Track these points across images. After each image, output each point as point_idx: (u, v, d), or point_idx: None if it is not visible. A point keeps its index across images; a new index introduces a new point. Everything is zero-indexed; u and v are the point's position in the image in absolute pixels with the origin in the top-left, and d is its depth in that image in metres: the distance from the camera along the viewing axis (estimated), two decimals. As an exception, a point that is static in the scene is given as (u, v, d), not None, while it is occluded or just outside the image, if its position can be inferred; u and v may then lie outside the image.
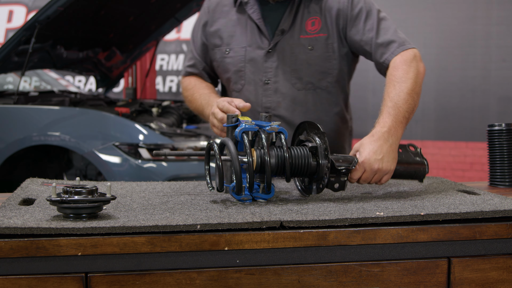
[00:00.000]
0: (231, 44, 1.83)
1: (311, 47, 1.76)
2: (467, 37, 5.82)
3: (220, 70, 1.89)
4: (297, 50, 1.76)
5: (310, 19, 1.76)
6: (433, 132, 5.96)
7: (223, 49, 1.85)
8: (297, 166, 1.37)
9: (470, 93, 5.83)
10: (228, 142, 1.33)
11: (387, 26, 1.73)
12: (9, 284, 1.07)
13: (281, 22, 1.76)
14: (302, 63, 1.77)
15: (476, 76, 5.81)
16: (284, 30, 1.76)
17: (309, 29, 1.76)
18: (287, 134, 1.41)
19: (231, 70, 1.83)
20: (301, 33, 1.76)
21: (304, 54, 1.76)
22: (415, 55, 1.67)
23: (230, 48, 1.83)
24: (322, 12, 1.76)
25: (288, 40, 1.76)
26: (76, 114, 4.06)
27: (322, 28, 1.76)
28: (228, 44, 1.84)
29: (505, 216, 1.25)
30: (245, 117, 1.46)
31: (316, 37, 1.76)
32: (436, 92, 5.94)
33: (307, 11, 1.77)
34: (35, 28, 4.01)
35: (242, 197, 1.37)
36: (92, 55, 5.13)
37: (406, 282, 1.20)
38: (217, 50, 1.87)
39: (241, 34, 1.82)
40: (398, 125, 1.49)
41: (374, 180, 1.44)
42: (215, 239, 1.12)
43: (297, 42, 1.76)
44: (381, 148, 1.42)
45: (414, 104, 1.56)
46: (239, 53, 1.81)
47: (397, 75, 1.60)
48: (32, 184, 1.55)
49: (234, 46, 1.82)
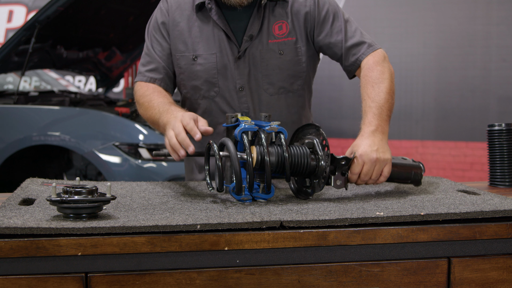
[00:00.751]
0: (198, 50, 1.75)
1: (281, 51, 1.75)
2: (467, 37, 5.82)
3: (184, 77, 1.78)
4: (267, 55, 1.74)
5: (276, 23, 1.75)
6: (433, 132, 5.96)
7: (189, 56, 1.76)
8: (297, 165, 1.37)
9: (470, 93, 5.83)
10: (228, 142, 1.33)
11: (353, 27, 1.77)
12: (9, 284, 1.07)
13: (248, 27, 1.73)
14: (274, 68, 1.76)
15: (476, 76, 5.81)
16: (252, 35, 1.72)
17: (277, 33, 1.75)
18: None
19: (201, 77, 1.76)
20: (269, 37, 1.74)
21: (275, 59, 1.75)
22: (385, 56, 1.72)
23: (197, 54, 1.75)
24: (288, 16, 1.75)
25: (257, 46, 1.74)
26: (76, 114, 4.06)
27: (290, 32, 1.75)
28: (195, 50, 1.75)
29: (505, 216, 1.25)
30: (245, 117, 1.46)
31: (285, 41, 1.75)
32: (436, 92, 5.94)
33: (273, 15, 1.75)
34: (35, 28, 4.01)
35: (242, 197, 1.37)
36: (92, 55, 5.13)
37: (406, 282, 1.20)
38: (180, 56, 1.77)
39: (207, 40, 1.75)
40: (384, 123, 1.54)
41: (376, 172, 1.43)
42: (215, 239, 1.12)
43: (266, 47, 1.74)
44: (373, 141, 1.47)
45: (393, 102, 1.63)
46: (210, 60, 1.74)
47: (373, 75, 1.65)
48: (32, 184, 1.55)
49: (202, 53, 1.75)
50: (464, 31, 5.85)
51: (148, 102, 1.69)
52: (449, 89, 5.91)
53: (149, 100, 1.70)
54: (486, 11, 5.79)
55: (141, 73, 1.80)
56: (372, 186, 1.62)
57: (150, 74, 1.79)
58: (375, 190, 1.56)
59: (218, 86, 1.75)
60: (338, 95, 5.99)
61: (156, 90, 1.73)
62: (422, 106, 5.95)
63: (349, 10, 5.86)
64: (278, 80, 1.77)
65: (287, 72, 1.77)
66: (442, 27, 5.91)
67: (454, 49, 5.88)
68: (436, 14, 5.92)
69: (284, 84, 1.78)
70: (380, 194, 1.50)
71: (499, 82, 5.78)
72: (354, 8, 5.98)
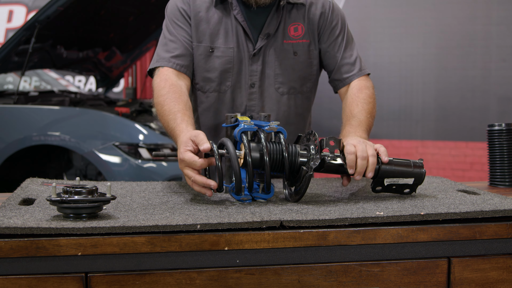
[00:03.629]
0: (216, 42, 1.75)
1: (295, 52, 1.77)
2: (467, 37, 5.82)
3: (198, 67, 1.77)
4: (282, 55, 1.77)
5: (292, 24, 1.77)
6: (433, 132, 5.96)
7: (207, 47, 1.75)
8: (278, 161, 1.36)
9: (470, 93, 5.83)
10: (227, 142, 1.33)
11: (353, 45, 1.85)
12: (9, 284, 1.07)
13: (265, 26, 1.75)
14: (287, 68, 1.78)
15: (476, 76, 5.81)
16: (269, 34, 1.75)
17: (292, 34, 1.77)
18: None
19: (217, 69, 1.76)
20: (285, 38, 1.77)
21: (289, 59, 1.78)
22: (371, 83, 1.81)
23: (215, 46, 1.75)
24: (304, 19, 1.79)
25: (273, 45, 1.76)
26: (76, 114, 4.06)
27: (305, 34, 1.78)
28: (213, 42, 1.75)
29: (505, 216, 1.25)
30: (244, 117, 1.46)
31: (299, 43, 1.78)
32: (436, 92, 5.93)
33: (289, 16, 1.78)
34: (35, 28, 4.02)
35: (241, 197, 1.37)
36: (92, 55, 5.13)
37: (406, 282, 1.20)
38: (197, 45, 1.75)
39: (226, 34, 1.76)
40: (362, 134, 1.61)
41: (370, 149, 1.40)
42: (215, 239, 1.12)
43: (281, 47, 1.77)
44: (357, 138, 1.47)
45: (372, 124, 1.71)
46: (227, 54, 1.75)
47: (361, 96, 1.74)
48: (32, 184, 1.55)
49: (220, 45, 1.75)
50: (464, 31, 5.84)
51: (161, 106, 1.61)
52: (449, 89, 5.91)
53: (162, 102, 1.61)
54: (486, 11, 5.79)
55: (165, 59, 1.72)
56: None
57: (177, 60, 1.72)
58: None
59: (231, 80, 1.77)
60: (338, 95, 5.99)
61: (171, 91, 1.63)
62: (422, 106, 5.95)
63: (349, 10, 5.85)
64: (290, 80, 1.79)
65: (299, 73, 1.80)
66: (442, 27, 5.91)
67: (454, 49, 5.88)
68: (436, 14, 5.92)
69: (295, 84, 1.81)
70: (380, 194, 1.50)
71: (499, 82, 5.78)
72: (354, 8, 5.97)
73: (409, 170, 1.44)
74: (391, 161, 1.43)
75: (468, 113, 5.85)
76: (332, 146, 1.39)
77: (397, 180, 1.47)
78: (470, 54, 5.84)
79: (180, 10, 1.77)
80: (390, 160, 1.43)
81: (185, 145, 1.36)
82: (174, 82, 1.66)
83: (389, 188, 1.46)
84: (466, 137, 5.87)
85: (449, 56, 5.89)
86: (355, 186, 1.63)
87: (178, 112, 1.55)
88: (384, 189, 1.45)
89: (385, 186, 1.45)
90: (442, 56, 5.92)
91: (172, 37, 1.75)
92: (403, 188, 1.46)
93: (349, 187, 1.61)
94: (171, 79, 1.67)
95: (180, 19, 1.76)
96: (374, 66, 5.92)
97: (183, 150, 1.36)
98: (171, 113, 1.55)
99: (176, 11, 1.77)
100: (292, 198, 1.40)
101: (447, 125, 5.94)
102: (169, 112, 1.57)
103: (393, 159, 1.44)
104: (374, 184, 1.44)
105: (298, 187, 1.37)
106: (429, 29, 5.93)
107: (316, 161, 1.34)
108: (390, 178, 1.44)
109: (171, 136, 1.56)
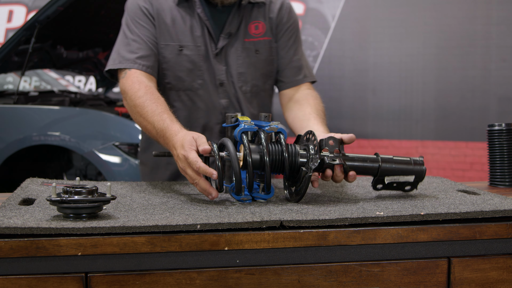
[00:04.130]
0: (183, 41, 1.74)
1: (257, 50, 1.79)
2: (467, 37, 5.82)
3: (168, 67, 1.74)
4: (244, 54, 1.78)
5: (253, 23, 1.79)
6: (433, 132, 5.96)
7: (175, 46, 1.73)
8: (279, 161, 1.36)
9: (470, 93, 5.83)
10: (227, 142, 1.33)
11: (302, 49, 1.89)
12: (9, 284, 1.07)
13: (227, 25, 1.76)
14: (249, 67, 1.79)
15: (476, 76, 5.81)
16: (231, 33, 1.76)
17: (253, 32, 1.79)
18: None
19: (187, 68, 1.74)
20: (246, 36, 1.78)
21: (251, 57, 1.79)
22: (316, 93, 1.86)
23: (183, 45, 1.73)
24: (265, 17, 1.81)
25: (234, 43, 1.77)
26: (76, 114, 4.06)
27: (267, 32, 1.80)
28: (180, 40, 1.73)
29: (505, 216, 1.25)
30: (245, 117, 1.46)
31: (261, 41, 1.80)
32: (436, 92, 5.93)
33: (249, 15, 1.79)
34: (35, 28, 4.01)
35: (242, 197, 1.37)
36: (92, 55, 5.13)
37: (406, 282, 1.20)
38: (165, 45, 1.73)
39: (192, 32, 1.75)
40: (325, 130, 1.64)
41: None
42: (215, 239, 1.12)
43: (243, 46, 1.78)
44: None
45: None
46: (196, 52, 1.74)
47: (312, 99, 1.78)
48: (32, 184, 1.55)
49: (188, 44, 1.74)
50: (464, 31, 5.84)
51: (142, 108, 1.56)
52: (449, 89, 5.91)
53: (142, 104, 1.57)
54: (486, 11, 5.79)
55: (130, 61, 1.67)
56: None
57: (142, 61, 1.68)
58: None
59: (203, 78, 1.76)
60: (338, 95, 6.00)
61: (148, 92, 1.59)
62: (422, 106, 5.95)
63: (349, 10, 5.86)
64: (252, 79, 1.80)
65: (261, 71, 1.82)
66: (442, 27, 5.91)
67: (454, 49, 5.88)
68: (436, 14, 5.92)
69: (258, 82, 1.82)
70: (380, 194, 1.50)
71: (499, 82, 5.77)
72: (354, 8, 5.97)
73: (409, 167, 1.43)
74: (391, 159, 1.43)
75: (468, 113, 5.85)
76: (331, 146, 1.39)
77: (398, 178, 1.47)
78: (470, 54, 5.84)
79: (142, 9, 1.74)
80: (390, 158, 1.43)
81: (190, 144, 1.34)
82: (148, 84, 1.63)
83: (390, 186, 1.46)
84: (466, 137, 5.87)
85: (449, 56, 5.89)
86: (355, 186, 1.63)
87: (163, 113, 1.52)
88: (385, 187, 1.46)
89: (386, 184, 1.45)
90: (442, 56, 5.92)
91: (134, 37, 1.71)
92: (404, 186, 1.46)
93: (349, 187, 1.61)
94: (144, 81, 1.63)
95: (143, 18, 1.73)
96: (374, 66, 5.93)
97: (188, 148, 1.34)
98: (156, 114, 1.52)
99: (138, 10, 1.74)
100: (292, 198, 1.40)
101: (447, 125, 5.94)
102: (152, 113, 1.53)
103: (393, 157, 1.44)
104: (375, 182, 1.44)
105: (298, 188, 1.37)
106: (429, 29, 5.93)
107: (315, 161, 1.34)
108: (390, 176, 1.44)
109: (158, 136, 1.51)
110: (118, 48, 1.73)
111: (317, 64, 6.08)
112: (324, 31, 6.06)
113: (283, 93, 1.87)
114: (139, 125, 1.63)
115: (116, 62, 1.71)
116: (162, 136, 1.49)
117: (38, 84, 6.17)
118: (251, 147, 1.34)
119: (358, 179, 1.73)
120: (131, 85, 1.63)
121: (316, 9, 6.13)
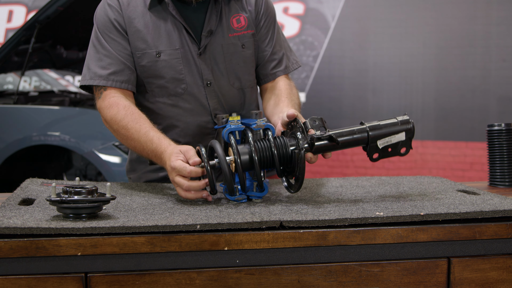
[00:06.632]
0: (160, 46, 1.66)
1: (243, 45, 1.73)
2: (467, 37, 5.82)
3: (148, 75, 1.68)
4: (230, 50, 1.72)
5: (234, 16, 1.73)
6: (433, 132, 5.96)
7: (152, 53, 1.66)
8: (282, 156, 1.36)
9: (470, 93, 5.83)
10: (216, 144, 1.34)
11: (283, 38, 1.84)
12: (9, 284, 1.07)
13: (206, 23, 1.69)
14: (238, 62, 1.73)
15: (476, 76, 5.80)
16: (212, 30, 1.69)
17: (236, 26, 1.73)
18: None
19: (168, 74, 1.67)
20: (229, 31, 1.72)
21: (238, 52, 1.73)
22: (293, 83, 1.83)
23: (160, 50, 1.66)
24: (245, 9, 1.75)
25: (218, 40, 1.71)
26: (76, 114, 4.06)
27: (249, 24, 1.75)
28: (157, 46, 1.66)
29: (505, 216, 1.25)
30: (235, 116, 1.47)
31: (245, 34, 1.74)
32: (436, 92, 5.93)
33: (228, 9, 1.73)
34: (35, 28, 4.01)
35: (236, 197, 1.37)
36: (92, 55, 5.11)
37: (406, 282, 1.20)
38: (142, 54, 1.66)
39: (168, 36, 1.67)
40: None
41: None
42: (215, 239, 1.12)
43: (228, 41, 1.71)
44: None
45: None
46: (174, 56, 1.67)
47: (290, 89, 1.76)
48: (32, 184, 1.55)
49: (165, 49, 1.66)
50: (464, 31, 5.84)
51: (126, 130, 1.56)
52: (449, 89, 5.91)
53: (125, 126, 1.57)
54: (486, 11, 5.79)
55: (103, 77, 1.64)
56: (372, 186, 1.61)
57: (116, 77, 1.64)
58: (375, 190, 1.56)
59: (186, 82, 1.69)
60: (338, 95, 6.00)
61: (128, 113, 1.58)
62: (422, 106, 5.95)
63: (349, 10, 5.86)
64: (244, 74, 1.76)
65: (251, 65, 1.77)
66: (442, 27, 5.91)
67: (454, 49, 5.88)
68: (436, 14, 5.92)
69: (249, 77, 1.78)
70: (380, 194, 1.50)
71: (499, 82, 5.77)
72: (354, 8, 5.97)
73: (396, 127, 1.41)
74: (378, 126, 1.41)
75: (468, 113, 5.85)
76: (316, 125, 1.39)
77: (390, 140, 1.45)
78: (470, 54, 5.84)
79: (113, 22, 1.67)
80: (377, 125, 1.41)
81: (176, 155, 1.37)
82: (125, 104, 1.61)
83: (386, 152, 1.42)
84: (466, 137, 5.87)
85: (449, 56, 5.89)
86: (355, 186, 1.63)
87: (149, 132, 1.52)
88: (381, 155, 1.43)
89: (381, 150, 1.42)
90: (442, 56, 5.92)
91: (106, 52, 1.66)
92: (399, 148, 1.43)
93: (349, 187, 1.61)
94: (121, 102, 1.61)
95: (114, 32, 1.67)
96: (374, 66, 5.93)
97: (174, 158, 1.37)
98: (142, 135, 1.52)
99: (109, 23, 1.68)
100: (292, 188, 1.40)
101: (447, 125, 5.94)
102: (138, 134, 1.53)
103: (380, 123, 1.42)
104: (369, 151, 1.41)
105: (296, 174, 1.36)
106: (429, 29, 5.93)
107: (304, 141, 1.34)
108: (382, 139, 1.42)
109: (150, 157, 1.52)
110: (89, 63, 1.69)
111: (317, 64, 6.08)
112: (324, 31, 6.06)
113: (263, 86, 1.83)
114: (128, 147, 1.63)
115: (87, 78, 1.66)
116: (153, 157, 1.51)
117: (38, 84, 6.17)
118: (240, 147, 1.35)
119: (358, 179, 1.73)
120: (108, 109, 1.62)
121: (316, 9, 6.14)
